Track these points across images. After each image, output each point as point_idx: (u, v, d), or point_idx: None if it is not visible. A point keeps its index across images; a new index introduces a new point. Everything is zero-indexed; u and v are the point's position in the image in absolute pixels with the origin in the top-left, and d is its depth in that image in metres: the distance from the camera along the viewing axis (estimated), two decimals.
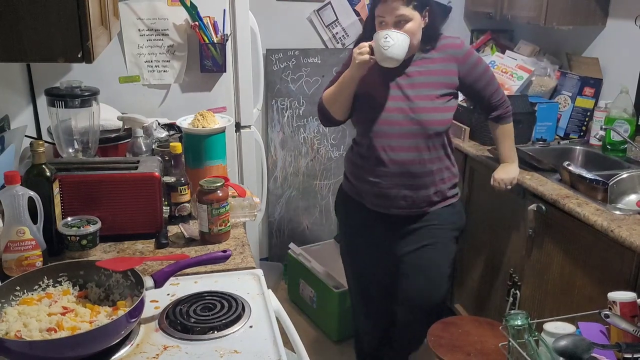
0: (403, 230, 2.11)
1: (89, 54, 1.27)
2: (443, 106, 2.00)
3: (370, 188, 2.06)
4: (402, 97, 1.98)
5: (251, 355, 1.14)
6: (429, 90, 1.99)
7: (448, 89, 2.01)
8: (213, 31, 2.27)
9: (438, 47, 2.02)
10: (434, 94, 1.98)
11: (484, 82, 2.10)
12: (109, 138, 2.00)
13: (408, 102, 1.97)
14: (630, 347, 1.34)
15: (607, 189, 2.04)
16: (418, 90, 1.98)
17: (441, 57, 2.02)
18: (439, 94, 1.99)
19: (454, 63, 2.02)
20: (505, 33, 3.50)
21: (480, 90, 2.11)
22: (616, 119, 2.48)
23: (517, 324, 1.36)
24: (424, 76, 2.00)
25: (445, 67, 2.02)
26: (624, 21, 2.66)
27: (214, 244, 1.61)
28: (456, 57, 2.03)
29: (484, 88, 2.11)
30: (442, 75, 2.01)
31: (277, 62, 3.25)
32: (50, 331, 1.11)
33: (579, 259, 2.03)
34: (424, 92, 1.98)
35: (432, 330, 2.11)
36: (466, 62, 2.04)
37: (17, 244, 1.34)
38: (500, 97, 2.17)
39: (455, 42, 2.05)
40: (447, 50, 2.02)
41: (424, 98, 1.98)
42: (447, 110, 2.02)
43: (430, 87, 1.99)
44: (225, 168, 1.92)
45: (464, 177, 2.79)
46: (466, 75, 2.05)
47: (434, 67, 2.01)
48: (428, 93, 1.98)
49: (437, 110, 1.98)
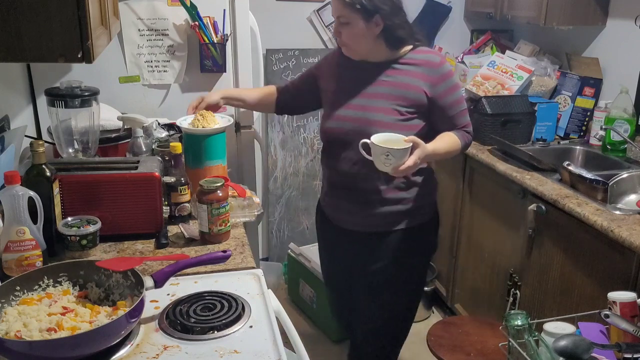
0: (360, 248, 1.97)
1: (89, 54, 1.27)
2: (399, 123, 1.81)
3: (323, 196, 2.03)
4: (361, 106, 1.85)
5: (251, 355, 1.14)
6: (387, 102, 1.82)
7: (408, 107, 1.82)
8: (213, 31, 2.27)
9: (415, 60, 1.85)
10: (390, 108, 1.81)
11: (454, 111, 1.87)
12: (109, 138, 2.00)
13: (364, 112, 1.83)
14: (630, 347, 1.34)
15: (607, 189, 2.04)
16: (377, 100, 1.83)
17: (413, 71, 1.83)
18: (396, 110, 1.81)
19: (426, 82, 1.82)
20: (505, 33, 3.51)
21: (450, 118, 1.88)
22: (616, 119, 2.48)
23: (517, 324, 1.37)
24: (387, 86, 1.84)
25: (414, 82, 1.82)
26: (624, 21, 2.66)
27: (214, 244, 1.61)
28: (430, 77, 1.83)
29: (454, 118, 1.88)
30: (408, 89, 1.82)
31: (277, 62, 3.25)
32: (50, 331, 1.11)
33: (579, 259, 2.03)
34: (381, 104, 1.82)
35: (432, 330, 2.11)
36: (440, 85, 1.83)
37: (17, 244, 1.34)
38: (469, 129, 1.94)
39: (433, 60, 1.85)
40: (422, 65, 1.84)
41: (381, 111, 1.81)
42: (406, 129, 1.78)
43: (390, 99, 1.82)
44: (225, 168, 1.92)
45: (464, 177, 2.80)
46: (438, 98, 1.83)
47: (401, 79, 1.83)
48: (385, 105, 1.82)
49: (393, 127, 1.78)
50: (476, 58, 3.24)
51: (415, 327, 3.04)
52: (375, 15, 1.75)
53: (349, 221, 1.95)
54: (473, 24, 3.52)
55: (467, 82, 3.04)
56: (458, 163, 2.83)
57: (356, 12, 1.75)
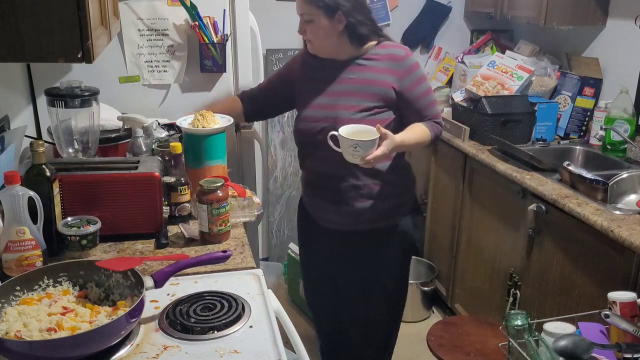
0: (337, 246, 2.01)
1: (89, 54, 1.27)
2: (366, 119, 1.83)
3: (304, 195, 2.08)
4: (329, 105, 1.88)
5: (251, 355, 1.14)
6: (355, 100, 1.85)
7: (377, 102, 1.85)
8: (213, 31, 2.27)
9: (379, 55, 1.87)
10: (358, 106, 1.84)
11: (423, 103, 1.90)
12: (109, 138, 1.99)
13: (333, 111, 1.86)
14: (630, 347, 1.34)
15: (607, 189, 2.04)
16: (344, 99, 1.86)
17: (378, 67, 1.86)
18: (364, 106, 1.84)
19: (392, 76, 1.85)
20: (505, 33, 3.51)
21: (419, 111, 1.90)
22: (616, 119, 2.48)
23: (517, 324, 1.37)
24: (354, 84, 1.86)
25: (380, 77, 1.85)
26: (624, 21, 2.66)
27: (214, 244, 1.61)
28: (396, 71, 1.85)
29: (423, 109, 1.91)
30: (374, 85, 1.85)
31: (277, 62, 3.25)
32: (50, 331, 1.11)
33: (579, 259, 2.03)
34: (348, 102, 1.85)
35: (432, 330, 2.11)
36: (406, 78, 1.86)
37: (17, 244, 1.34)
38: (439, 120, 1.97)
39: (398, 54, 1.87)
40: (387, 60, 1.86)
41: (348, 109, 1.84)
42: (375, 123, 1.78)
43: (357, 96, 1.85)
44: (225, 168, 1.92)
45: (463, 177, 2.80)
46: (405, 91, 1.86)
47: (367, 76, 1.86)
48: (352, 103, 1.85)
49: (361, 123, 1.80)
50: (476, 58, 3.24)
51: (415, 327, 3.06)
52: (337, 12, 1.79)
53: (327, 219, 1.98)
54: (473, 24, 3.52)
55: (467, 82, 3.04)
56: (458, 163, 2.83)
57: (319, 9, 1.79)
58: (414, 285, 3.07)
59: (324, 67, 1.93)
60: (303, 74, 1.99)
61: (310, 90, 1.94)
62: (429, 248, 3.27)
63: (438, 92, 3.24)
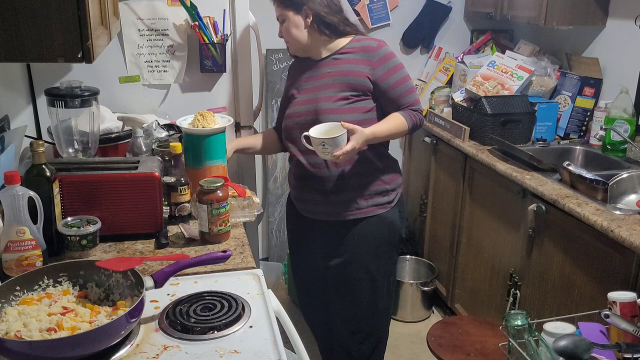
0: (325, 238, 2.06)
1: (89, 54, 1.27)
2: (345, 107, 1.92)
3: (292, 190, 2.13)
4: (311, 100, 1.97)
5: (251, 355, 1.14)
6: (333, 91, 1.93)
7: (354, 91, 1.93)
8: (213, 31, 2.27)
9: (354, 48, 1.97)
10: (336, 96, 1.93)
11: (398, 92, 1.95)
12: (109, 138, 2.00)
13: (314, 104, 1.95)
14: (630, 347, 1.34)
15: (607, 189, 2.04)
16: (323, 91, 1.95)
17: (353, 59, 1.95)
18: (342, 96, 1.92)
19: (367, 66, 1.93)
20: (505, 33, 3.51)
21: (395, 99, 1.96)
22: (616, 119, 2.48)
23: (517, 324, 1.37)
24: (331, 77, 1.95)
25: (355, 68, 1.94)
26: (624, 21, 2.66)
27: (214, 244, 1.61)
28: (369, 61, 1.94)
29: (398, 98, 1.95)
30: (350, 76, 1.93)
31: (277, 62, 3.25)
32: (50, 331, 1.11)
33: (579, 259, 2.03)
34: (327, 93, 1.94)
35: (432, 330, 2.11)
36: (379, 67, 1.94)
37: (17, 244, 1.34)
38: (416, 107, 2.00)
39: (370, 45, 1.96)
40: (360, 52, 1.95)
41: (327, 99, 1.93)
42: (353, 112, 1.92)
43: (335, 88, 1.94)
44: (225, 168, 1.92)
45: (464, 177, 2.80)
46: (379, 80, 1.93)
47: (343, 68, 1.95)
48: (331, 94, 1.93)
49: (339, 112, 1.91)
50: (476, 58, 3.24)
51: (415, 327, 3.07)
52: (303, 6, 1.93)
53: (315, 211, 2.04)
54: (473, 24, 3.52)
55: (467, 82, 3.04)
56: (458, 163, 2.83)
57: (287, 8, 1.94)
58: (414, 285, 3.07)
59: (305, 67, 2.04)
60: (293, 79, 2.09)
61: (295, 89, 2.05)
62: (429, 248, 3.27)
63: (438, 92, 3.24)
